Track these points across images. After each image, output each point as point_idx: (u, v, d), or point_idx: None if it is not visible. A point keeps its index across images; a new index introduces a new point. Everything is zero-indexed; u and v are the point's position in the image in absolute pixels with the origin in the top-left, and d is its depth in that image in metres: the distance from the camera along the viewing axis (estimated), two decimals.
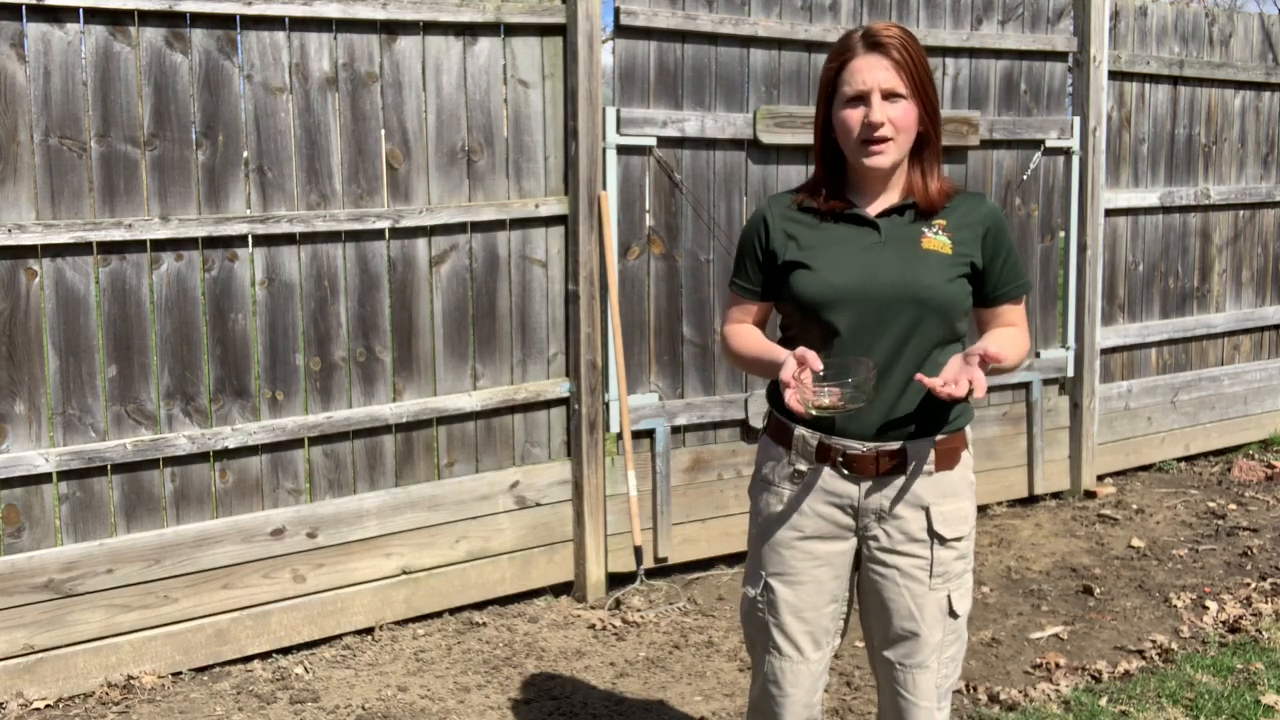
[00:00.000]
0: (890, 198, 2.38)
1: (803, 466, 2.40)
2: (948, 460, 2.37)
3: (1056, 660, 4.01)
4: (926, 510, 2.35)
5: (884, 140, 2.28)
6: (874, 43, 2.28)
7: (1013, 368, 2.41)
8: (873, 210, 2.37)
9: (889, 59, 2.27)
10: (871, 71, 2.27)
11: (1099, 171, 5.89)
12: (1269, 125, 6.79)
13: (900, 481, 2.35)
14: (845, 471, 2.36)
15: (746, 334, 2.50)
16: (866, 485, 2.36)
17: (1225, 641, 4.17)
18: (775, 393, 2.49)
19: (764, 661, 2.49)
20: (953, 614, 2.39)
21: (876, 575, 2.41)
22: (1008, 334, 2.42)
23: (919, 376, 2.20)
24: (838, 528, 2.40)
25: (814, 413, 2.17)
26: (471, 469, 4.47)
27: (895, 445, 2.33)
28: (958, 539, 2.38)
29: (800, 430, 2.39)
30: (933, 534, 2.36)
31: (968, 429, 2.44)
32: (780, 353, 2.34)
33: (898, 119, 2.28)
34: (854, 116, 2.29)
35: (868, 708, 3.68)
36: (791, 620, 2.44)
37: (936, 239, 2.33)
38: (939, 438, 2.36)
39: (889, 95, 2.27)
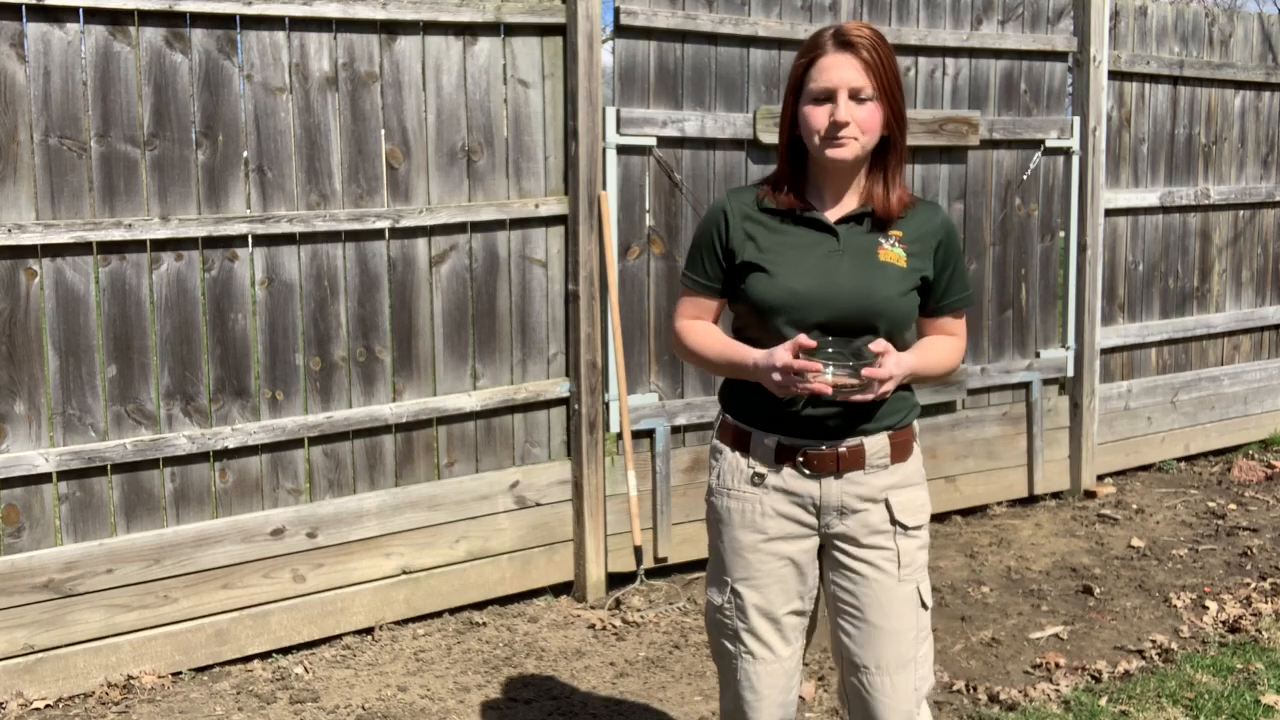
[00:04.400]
0: (849, 203, 2.39)
1: (762, 469, 2.41)
2: (901, 453, 2.42)
3: (1056, 660, 4.01)
4: (886, 502, 2.39)
5: (848, 136, 2.29)
6: (844, 41, 2.28)
7: (942, 377, 2.49)
8: (831, 215, 2.38)
9: (859, 59, 2.27)
10: (840, 70, 2.27)
11: (1099, 171, 5.89)
12: (1269, 125, 6.79)
13: (859, 476, 2.38)
14: (806, 471, 2.37)
15: (706, 332, 2.48)
16: (827, 482, 2.38)
17: (1225, 641, 4.17)
18: (729, 396, 2.48)
19: (735, 668, 2.49)
20: (923, 604, 2.43)
21: (846, 573, 2.42)
22: (942, 343, 2.46)
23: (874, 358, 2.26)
24: (801, 526, 2.42)
25: (831, 393, 2.23)
26: (471, 469, 4.47)
27: (854, 441, 2.37)
28: (918, 527, 2.43)
29: (758, 433, 2.41)
30: (895, 523, 2.39)
31: (915, 423, 2.50)
32: (748, 352, 2.34)
33: (863, 120, 2.28)
34: (819, 113, 2.29)
35: None
36: (761, 622, 2.45)
37: (893, 251, 2.35)
38: (891, 432, 2.40)
39: (856, 95, 2.27)
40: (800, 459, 2.37)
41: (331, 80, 4.05)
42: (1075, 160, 5.83)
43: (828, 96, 2.28)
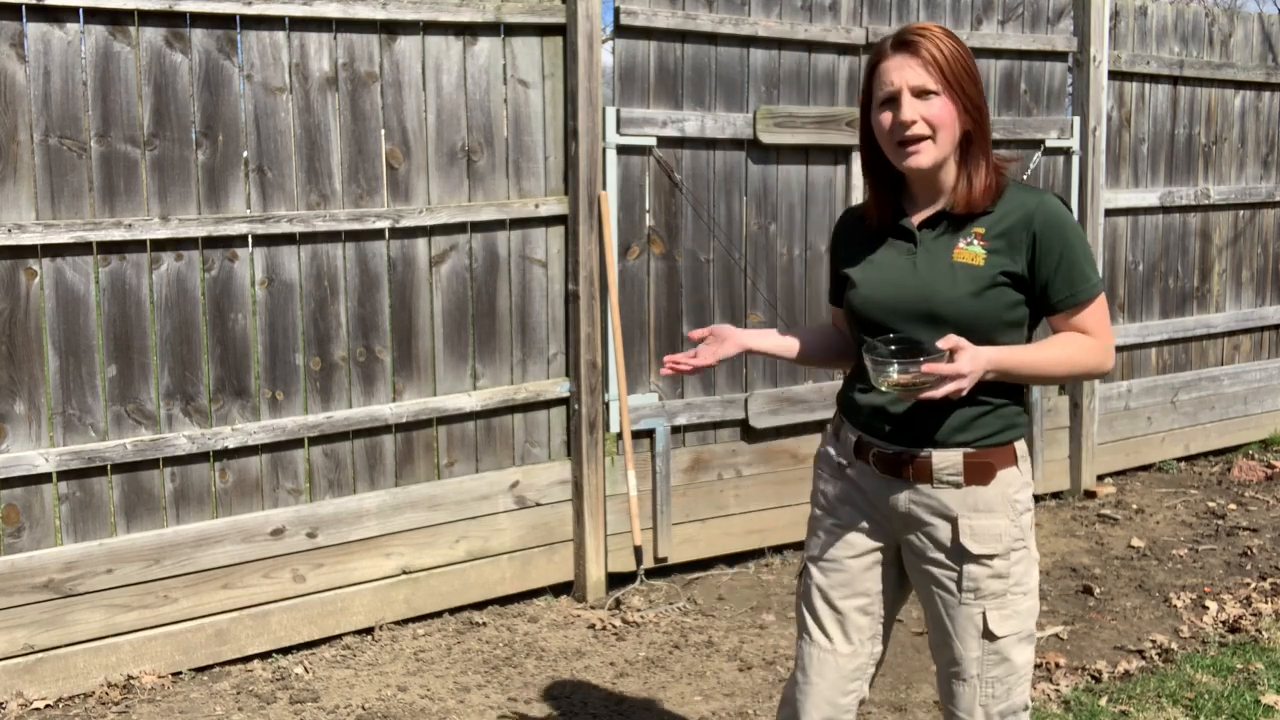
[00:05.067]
0: (939, 204, 2.32)
1: (843, 460, 2.44)
2: (979, 475, 2.29)
3: (1056, 660, 4.01)
4: (954, 522, 2.30)
5: (918, 139, 2.22)
6: (902, 42, 2.24)
7: (1070, 377, 2.33)
8: (916, 219, 2.33)
9: (918, 57, 2.21)
10: (900, 71, 2.22)
11: (1099, 171, 5.89)
12: (1269, 125, 6.79)
13: (927, 489, 2.31)
14: (877, 470, 2.36)
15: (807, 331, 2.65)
16: (897, 488, 2.34)
17: (1225, 641, 4.17)
18: (840, 388, 2.53)
19: (797, 644, 2.52)
20: (988, 635, 2.30)
21: (916, 583, 2.42)
22: (1066, 340, 2.30)
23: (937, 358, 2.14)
24: (871, 523, 2.41)
25: (884, 389, 2.15)
26: (471, 469, 4.47)
27: (922, 451, 2.30)
28: (989, 556, 2.29)
29: (847, 426, 2.43)
30: (959, 547, 2.30)
31: (1017, 445, 2.33)
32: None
33: (933, 116, 2.21)
34: (887, 119, 2.25)
35: (867, 708, 3.68)
36: (823, 606, 2.45)
37: (969, 250, 2.26)
38: (969, 450, 2.29)
39: (920, 93, 2.21)
40: (871, 459, 2.37)
41: (331, 80, 4.05)
42: (1075, 160, 5.83)
43: (892, 100, 2.24)
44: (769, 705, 3.72)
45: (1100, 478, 6.18)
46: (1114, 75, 5.97)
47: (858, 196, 5.14)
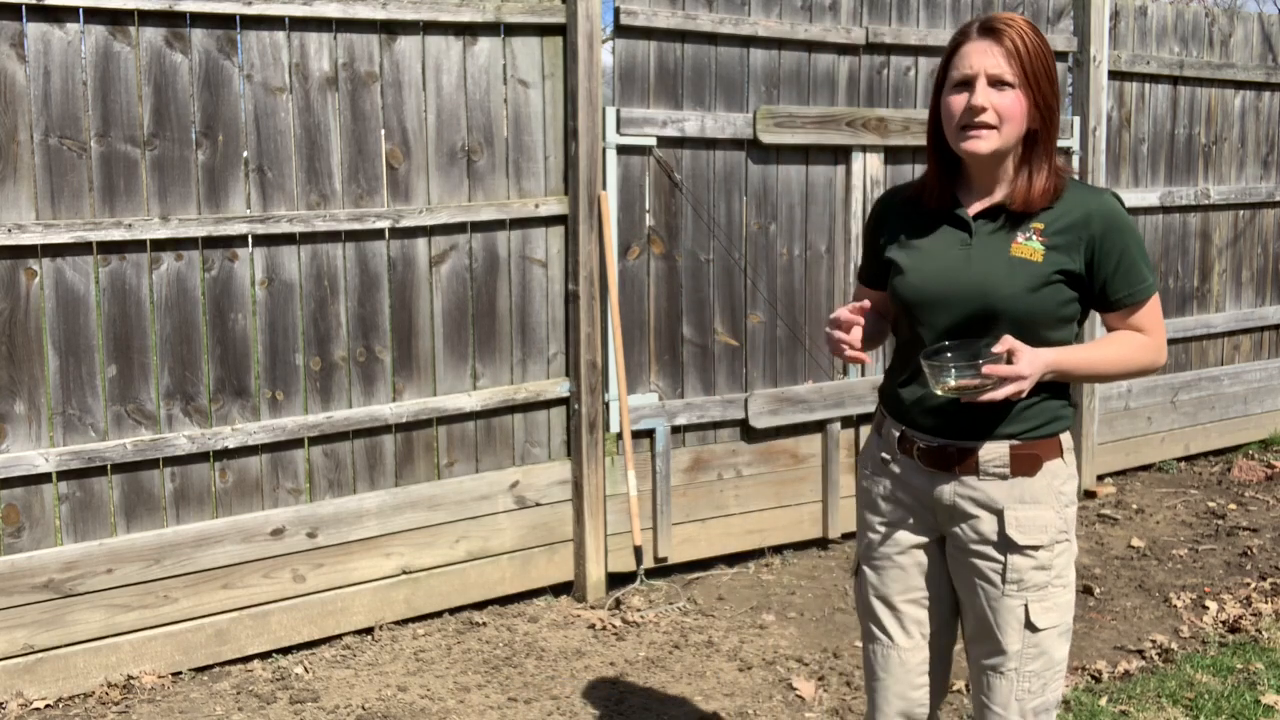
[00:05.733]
0: (995, 197, 2.30)
1: (886, 455, 2.43)
2: (1025, 466, 2.29)
3: None
4: (1000, 514, 2.30)
5: (984, 126, 2.20)
6: (988, 28, 2.22)
7: (1123, 375, 2.34)
8: (973, 210, 2.31)
9: (1001, 46, 2.19)
10: (980, 56, 2.20)
11: (1099, 171, 5.89)
12: (1269, 125, 6.79)
13: (973, 480, 2.31)
14: (922, 465, 2.35)
15: None
16: (942, 481, 2.34)
17: (1225, 641, 4.17)
18: (883, 383, 2.51)
19: (863, 649, 2.53)
20: (1030, 626, 2.31)
21: (957, 575, 2.41)
22: (1120, 339, 2.32)
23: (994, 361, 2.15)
24: (917, 519, 2.41)
25: (943, 394, 2.16)
26: (471, 469, 4.47)
27: (968, 443, 2.30)
28: (1034, 547, 2.29)
29: (889, 421, 2.42)
30: (1005, 538, 2.30)
31: (1062, 438, 2.34)
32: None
33: (1003, 107, 2.20)
34: (958, 101, 2.22)
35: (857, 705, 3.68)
36: (879, 604, 2.46)
37: (1027, 245, 2.25)
38: (1015, 442, 2.29)
39: (996, 82, 2.19)
40: (916, 453, 2.36)
41: (331, 80, 4.05)
42: (1075, 160, 5.83)
43: (967, 83, 2.22)
44: (769, 705, 3.72)
45: (1100, 478, 6.18)
46: (1114, 75, 5.97)
47: (857, 196, 5.15)
